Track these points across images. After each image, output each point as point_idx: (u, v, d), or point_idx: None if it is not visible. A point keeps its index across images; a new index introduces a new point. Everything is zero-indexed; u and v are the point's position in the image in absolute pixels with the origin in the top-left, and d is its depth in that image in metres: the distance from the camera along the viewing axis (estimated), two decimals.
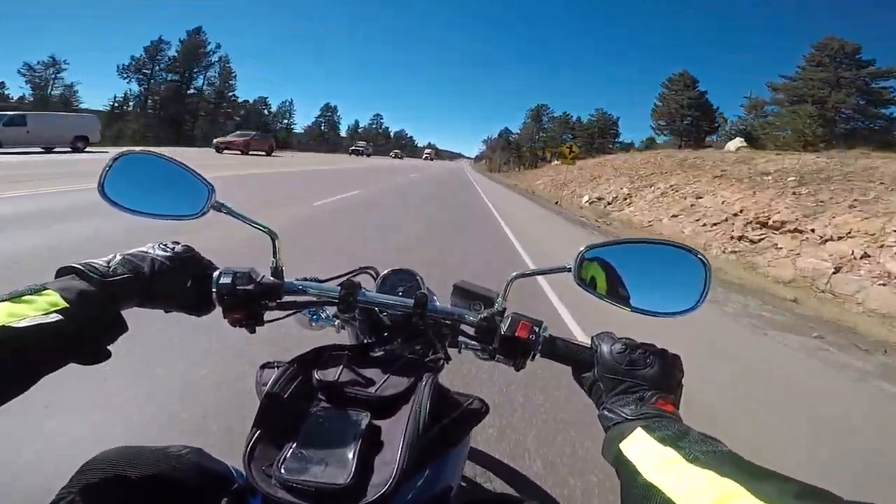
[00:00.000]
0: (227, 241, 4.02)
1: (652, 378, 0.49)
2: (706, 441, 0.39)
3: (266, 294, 0.59)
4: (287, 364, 0.55)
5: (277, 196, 9.02)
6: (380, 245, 5.65)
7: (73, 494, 0.44)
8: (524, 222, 10.51)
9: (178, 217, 0.63)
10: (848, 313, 5.47)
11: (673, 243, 0.56)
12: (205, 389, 1.98)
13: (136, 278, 0.52)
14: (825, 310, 5.49)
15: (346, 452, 0.46)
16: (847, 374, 3.40)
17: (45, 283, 0.45)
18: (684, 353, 0.52)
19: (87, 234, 4.28)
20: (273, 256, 0.63)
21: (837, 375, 3.38)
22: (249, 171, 14.25)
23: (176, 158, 0.62)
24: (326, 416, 0.51)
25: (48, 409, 1.66)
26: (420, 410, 0.49)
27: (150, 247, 0.56)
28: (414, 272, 0.75)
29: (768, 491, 0.30)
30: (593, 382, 0.52)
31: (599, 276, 0.57)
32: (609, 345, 0.53)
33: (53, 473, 0.51)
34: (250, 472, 0.44)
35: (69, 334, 0.43)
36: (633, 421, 0.45)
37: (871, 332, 4.71)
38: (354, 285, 0.61)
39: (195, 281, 0.56)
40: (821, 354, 3.77)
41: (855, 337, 4.45)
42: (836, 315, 5.30)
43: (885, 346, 4.17)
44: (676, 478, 0.35)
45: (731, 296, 5.45)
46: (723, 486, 0.32)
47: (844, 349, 3.97)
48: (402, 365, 0.59)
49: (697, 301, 0.53)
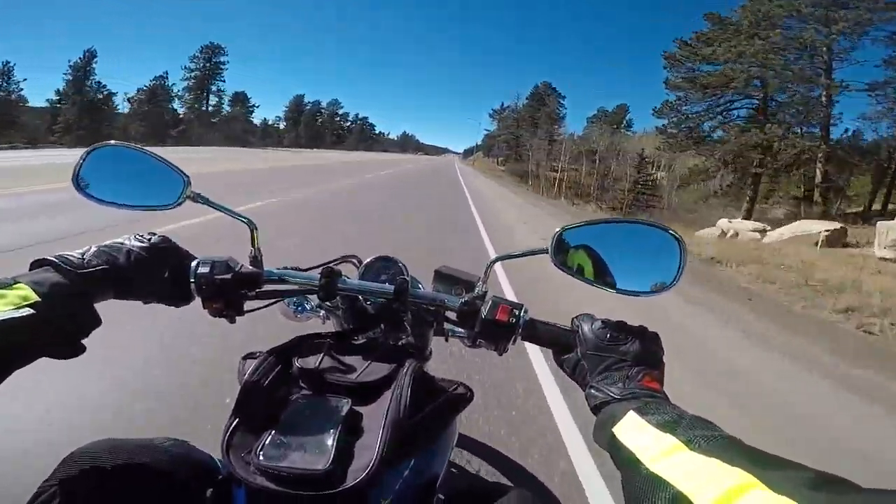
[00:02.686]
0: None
1: (635, 354, 0.49)
2: (703, 425, 0.39)
3: (245, 283, 0.59)
4: (267, 353, 0.55)
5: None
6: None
7: (54, 487, 0.43)
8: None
9: (154, 208, 0.62)
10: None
11: (646, 222, 0.56)
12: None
13: (112, 270, 0.51)
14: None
15: (325, 438, 0.46)
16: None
17: (16, 277, 0.44)
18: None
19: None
20: (252, 245, 0.62)
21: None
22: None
23: (149, 150, 0.62)
24: (306, 403, 0.51)
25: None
26: (401, 396, 0.49)
27: (126, 238, 0.56)
28: (396, 259, 0.75)
29: (781, 480, 0.29)
30: (576, 363, 0.52)
31: (579, 258, 0.57)
32: (589, 324, 0.53)
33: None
34: (228, 460, 0.44)
35: (41, 329, 0.42)
36: (622, 401, 0.45)
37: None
38: (334, 272, 0.61)
39: (173, 271, 0.56)
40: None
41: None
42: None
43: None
44: (682, 468, 0.34)
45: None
46: (732, 476, 0.31)
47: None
48: (384, 351, 0.59)
49: (674, 277, 0.53)
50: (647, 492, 0.34)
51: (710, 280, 5.86)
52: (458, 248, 6.25)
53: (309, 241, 5.23)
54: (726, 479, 0.31)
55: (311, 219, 7.06)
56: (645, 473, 0.36)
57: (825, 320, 4.62)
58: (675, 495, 0.32)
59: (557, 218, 11.15)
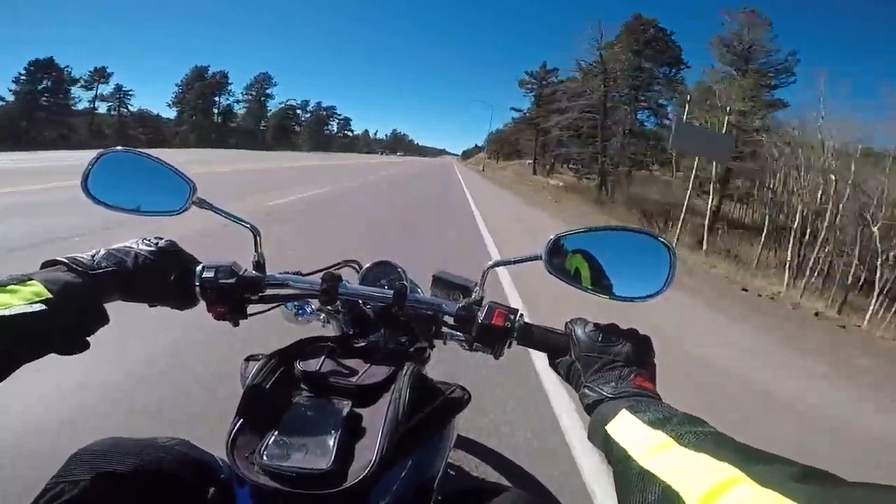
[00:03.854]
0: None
1: (627, 355, 0.51)
2: (694, 422, 0.39)
3: (248, 287, 0.60)
4: (269, 356, 0.57)
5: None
6: None
7: (61, 485, 0.44)
8: None
9: (160, 213, 0.64)
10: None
11: (636, 229, 0.57)
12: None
13: (120, 272, 0.53)
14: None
15: (326, 439, 0.47)
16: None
17: (30, 274, 0.46)
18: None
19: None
20: (255, 250, 0.64)
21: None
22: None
23: (157, 157, 0.63)
24: (308, 405, 0.52)
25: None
26: (400, 398, 0.50)
27: (134, 242, 0.58)
28: (396, 265, 0.76)
29: (768, 474, 0.29)
30: (570, 365, 0.54)
31: (573, 265, 0.59)
32: (582, 327, 0.55)
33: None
34: (233, 460, 0.45)
35: (51, 324, 0.43)
36: (615, 400, 0.46)
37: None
38: (335, 277, 0.63)
39: (178, 275, 0.57)
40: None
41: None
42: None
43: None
44: (672, 463, 0.35)
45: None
46: (720, 471, 0.31)
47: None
48: (384, 355, 0.60)
49: (664, 283, 0.54)
50: (637, 487, 0.35)
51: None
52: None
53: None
54: (714, 474, 0.31)
55: None
56: (636, 469, 0.37)
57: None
58: (664, 490, 0.33)
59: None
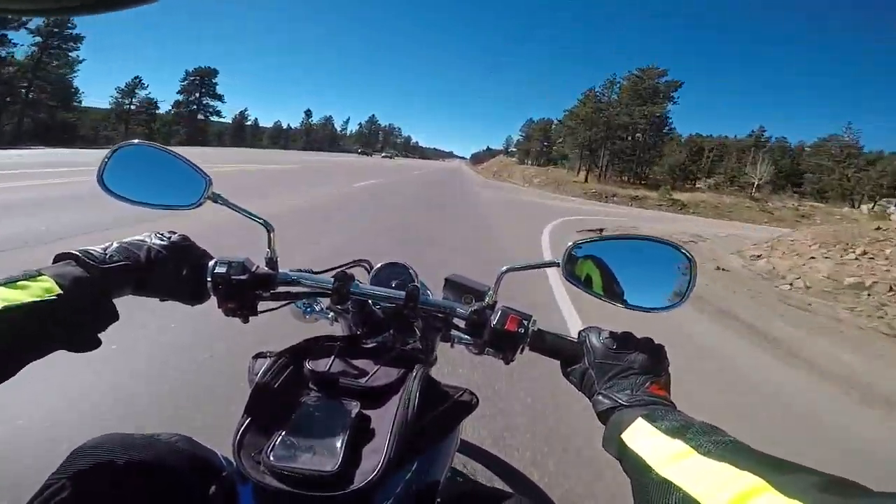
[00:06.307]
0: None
1: (641, 363, 0.50)
2: (712, 431, 0.39)
3: (260, 284, 0.60)
4: (278, 354, 0.56)
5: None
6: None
7: (62, 481, 0.44)
8: None
9: (175, 207, 0.64)
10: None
11: (659, 239, 0.56)
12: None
13: (132, 266, 0.53)
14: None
15: (334, 441, 0.46)
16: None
17: (40, 269, 0.45)
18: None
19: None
20: (268, 247, 0.64)
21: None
22: None
23: (172, 150, 0.63)
24: (316, 405, 0.52)
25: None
26: (409, 401, 0.50)
27: (146, 235, 0.57)
28: (407, 265, 0.76)
29: (791, 484, 0.29)
30: (584, 372, 0.53)
31: (591, 272, 0.58)
32: (596, 334, 0.54)
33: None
34: (239, 459, 0.45)
35: (60, 321, 0.43)
36: (630, 408, 0.45)
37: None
38: (348, 277, 0.62)
39: (190, 270, 0.57)
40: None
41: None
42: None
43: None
44: (693, 473, 0.34)
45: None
46: (743, 480, 0.31)
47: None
48: (393, 356, 0.60)
49: (683, 296, 0.53)
50: (657, 496, 0.35)
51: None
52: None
53: None
54: (737, 483, 0.31)
55: None
56: (655, 478, 0.36)
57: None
58: (685, 499, 0.32)
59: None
